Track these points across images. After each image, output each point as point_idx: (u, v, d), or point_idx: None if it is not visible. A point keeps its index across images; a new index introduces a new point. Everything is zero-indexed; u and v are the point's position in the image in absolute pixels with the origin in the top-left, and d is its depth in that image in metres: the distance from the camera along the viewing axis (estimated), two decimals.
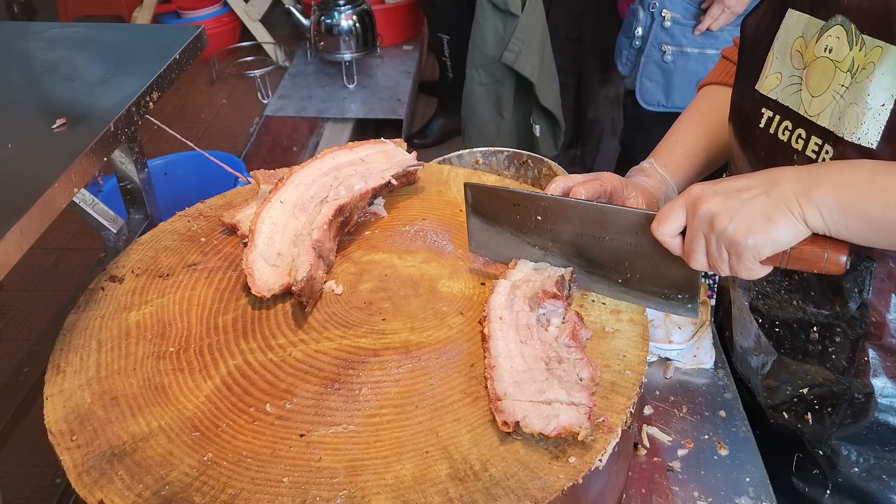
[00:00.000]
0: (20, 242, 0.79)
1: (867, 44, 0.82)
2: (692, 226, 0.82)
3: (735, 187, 0.81)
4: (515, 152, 1.57)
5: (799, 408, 1.03)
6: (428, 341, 0.92)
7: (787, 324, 1.00)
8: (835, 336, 0.95)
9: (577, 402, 0.79)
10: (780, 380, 1.04)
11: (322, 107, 3.18)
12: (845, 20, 0.84)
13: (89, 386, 0.87)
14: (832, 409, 0.98)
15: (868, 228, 0.77)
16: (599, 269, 0.96)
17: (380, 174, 1.11)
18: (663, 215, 0.85)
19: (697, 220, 0.81)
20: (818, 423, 1.01)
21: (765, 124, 0.95)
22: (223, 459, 0.78)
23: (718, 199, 0.80)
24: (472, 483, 0.75)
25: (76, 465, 0.79)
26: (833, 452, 1.00)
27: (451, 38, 3.26)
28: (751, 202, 0.79)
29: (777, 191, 0.78)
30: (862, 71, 0.82)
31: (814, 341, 0.97)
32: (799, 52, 0.91)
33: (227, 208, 1.15)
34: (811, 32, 0.89)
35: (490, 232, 1.00)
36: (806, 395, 1.01)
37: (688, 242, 0.84)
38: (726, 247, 0.80)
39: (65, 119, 1.00)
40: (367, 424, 0.81)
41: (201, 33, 1.28)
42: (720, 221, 0.79)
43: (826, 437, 1.00)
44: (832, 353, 0.96)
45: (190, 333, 0.94)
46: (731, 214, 0.79)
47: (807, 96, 0.89)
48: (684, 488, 1.00)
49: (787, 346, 1.02)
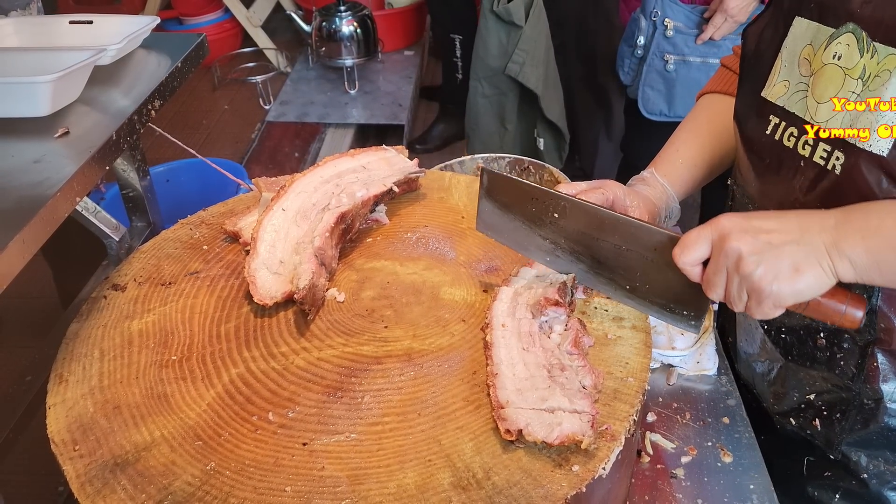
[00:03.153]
0: (23, 252, 0.79)
1: (879, 52, 0.82)
2: (717, 260, 0.80)
3: (765, 228, 0.78)
4: (517, 158, 1.57)
5: (807, 414, 1.03)
6: (430, 349, 0.91)
7: (794, 330, 1.00)
8: (843, 342, 0.94)
9: (580, 410, 0.79)
10: (788, 386, 1.04)
11: (323, 112, 3.18)
12: (856, 27, 0.84)
13: (92, 395, 0.87)
14: (841, 414, 0.98)
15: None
16: (608, 272, 0.95)
17: (381, 181, 1.11)
18: (688, 243, 0.82)
19: (724, 256, 0.79)
20: (827, 428, 1.00)
21: (771, 131, 0.95)
22: (226, 469, 0.78)
23: (748, 238, 0.78)
24: (475, 491, 0.75)
25: (79, 475, 0.78)
26: (843, 457, 1.00)
27: (463, 38, 3.23)
28: (781, 249, 0.77)
29: (808, 239, 0.77)
30: (876, 79, 0.82)
31: (821, 348, 0.97)
32: (807, 60, 0.90)
33: (230, 216, 1.15)
34: (820, 40, 0.88)
35: (501, 217, 0.99)
36: (814, 402, 1.01)
37: (709, 274, 0.82)
38: (748, 290, 0.78)
39: (66, 128, 1.00)
40: (369, 433, 0.81)
41: (203, 41, 1.29)
42: (747, 265, 0.77)
43: (836, 442, 1.00)
44: (840, 359, 0.95)
45: (192, 342, 0.94)
46: (759, 259, 0.77)
47: (812, 102, 0.89)
48: (688, 495, 0.99)
49: (794, 353, 1.01)
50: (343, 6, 3.19)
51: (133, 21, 1.23)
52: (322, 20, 3.20)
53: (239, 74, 3.65)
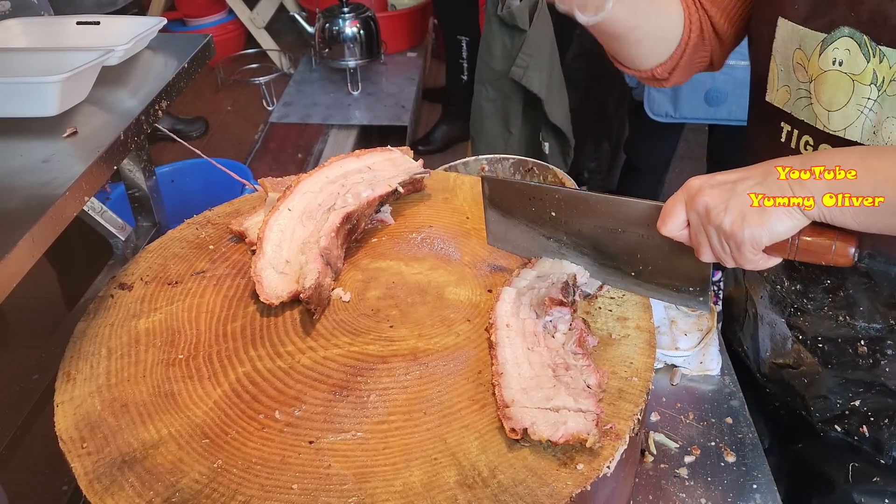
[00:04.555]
0: (32, 251, 0.80)
1: (888, 56, 0.81)
2: (693, 221, 0.82)
3: (730, 179, 0.80)
4: (521, 159, 1.58)
5: (852, 420, 1.01)
6: (435, 348, 0.92)
7: (832, 340, 0.99)
8: (886, 349, 0.93)
9: (585, 409, 0.79)
10: (830, 392, 1.03)
11: (327, 114, 3.19)
12: (854, 31, 0.83)
13: (99, 393, 0.88)
14: (889, 419, 0.97)
15: (863, 212, 0.75)
16: (613, 262, 0.96)
17: (387, 182, 1.12)
18: (666, 211, 0.85)
19: (696, 214, 0.81)
20: (876, 434, 0.99)
21: (785, 139, 0.94)
22: (233, 466, 0.79)
23: (714, 191, 0.80)
24: (481, 490, 0.75)
25: (87, 472, 0.79)
26: (894, 462, 0.98)
27: (470, 39, 3.25)
28: (745, 194, 0.78)
29: (770, 181, 0.78)
30: (893, 83, 0.81)
31: (863, 355, 0.96)
32: (801, 65, 0.89)
33: (235, 216, 1.16)
34: (811, 45, 0.87)
35: (507, 224, 1.01)
36: (859, 408, 1.00)
37: (692, 237, 0.84)
38: (725, 239, 0.80)
39: (74, 128, 1.00)
40: (375, 431, 0.82)
41: (209, 42, 1.29)
42: (716, 215, 0.79)
43: (886, 447, 0.98)
44: (885, 365, 0.94)
45: (199, 341, 0.94)
46: (725, 207, 0.78)
47: (821, 111, 0.88)
48: (691, 495, 1.00)
49: (833, 362, 1.00)
50: (346, 8, 3.20)
51: (140, 22, 1.24)
52: (325, 21, 3.21)
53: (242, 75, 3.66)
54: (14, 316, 2.38)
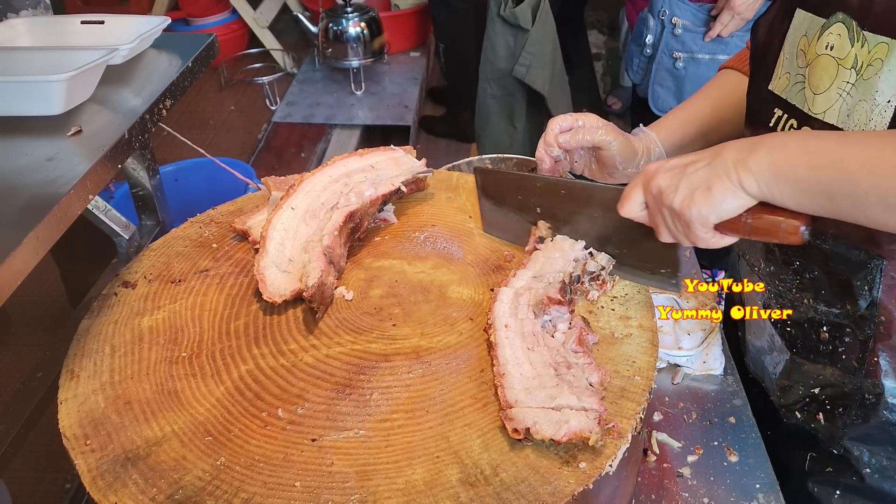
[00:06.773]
0: (37, 249, 0.80)
1: (869, 40, 0.83)
2: (649, 202, 0.86)
3: (683, 162, 0.84)
4: (524, 159, 1.58)
5: (811, 407, 1.03)
6: (438, 347, 0.92)
7: (799, 323, 1.01)
8: (844, 336, 0.95)
9: (588, 408, 0.80)
10: (793, 379, 1.05)
11: (330, 113, 3.20)
12: (846, 17, 0.85)
13: (103, 390, 0.88)
14: (843, 409, 0.99)
15: (798, 191, 0.77)
16: (597, 247, 1.00)
17: (390, 181, 1.12)
18: (625, 195, 0.89)
19: (650, 195, 0.85)
20: (830, 422, 1.01)
21: (774, 123, 0.96)
22: (236, 464, 0.79)
23: (666, 174, 0.83)
24: (483, 488, 0.75)
25: (91, 470, 0.79)
26: (846, 452, 1.00)
27: (445, 47, 3.33)
28: (693, 174, 0.81)
29: (718, 161, 0.80)
30: (869, 68, 0.83)
31: (824, 341, 0.98)
32: (802, 51, 0.92)
33: (239, 214, 1.16)
34: (813, 30, 0.90)
35: (499, 213, 1.06)
36: (818, 395, 1.02)
37: (650, 218, 0.88)
38: (676, 219, 0.83)
39: (79, 126, 1.01)
40: (378, 429, 0.82)
41: (213, 41, 1.30)
42: (667, 196, 0.82)
43: (838, 437, 1.00)
44: (842, 353, 0.96)
45: (202, 339, 0.95)
46: (675, 187, 0.82)
47: (809, 94, 0.90)
48: (694, 494, 1.00)
49: (798, 346, 1.02)
50: (349, 8, 3.21)
51: (144, 21, 1.25)
52: (329, 21, 3.22)
53: (245, 75, 3.67)
54: (18, 314, 2.39)
